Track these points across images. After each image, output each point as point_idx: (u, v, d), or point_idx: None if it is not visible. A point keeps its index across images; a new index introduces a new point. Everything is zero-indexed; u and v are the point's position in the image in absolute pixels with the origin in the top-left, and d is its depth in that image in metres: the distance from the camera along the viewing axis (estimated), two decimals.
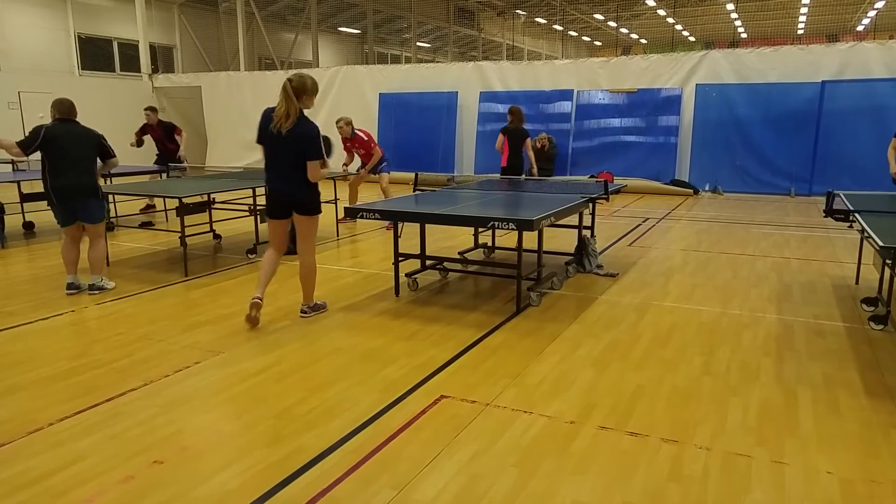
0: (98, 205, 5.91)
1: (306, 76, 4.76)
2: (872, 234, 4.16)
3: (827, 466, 2.93)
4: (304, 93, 4.70)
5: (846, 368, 4.06)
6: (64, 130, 5.76)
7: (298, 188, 4.83)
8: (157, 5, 20.73)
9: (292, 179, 4.82)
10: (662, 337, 4.65)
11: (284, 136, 4.70)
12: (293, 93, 4.66)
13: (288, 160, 4.78)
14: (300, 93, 4.69)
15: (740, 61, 13.14)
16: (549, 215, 5.11)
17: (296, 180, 4.81)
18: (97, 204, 5.89)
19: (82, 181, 5.75)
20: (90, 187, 5.80)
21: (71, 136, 5.76)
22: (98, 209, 5.91)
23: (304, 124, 4.73)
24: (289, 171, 4.81)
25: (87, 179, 5.78)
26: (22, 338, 4.71)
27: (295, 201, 4.90)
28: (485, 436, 3.20)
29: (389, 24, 32.71)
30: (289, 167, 4.80)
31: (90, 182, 5.81)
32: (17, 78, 15.79)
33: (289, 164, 4.79)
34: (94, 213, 5.88)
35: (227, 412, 3.50)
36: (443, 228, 8.00)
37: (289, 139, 4.70)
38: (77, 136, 5.80)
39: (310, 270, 5.05)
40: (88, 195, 5.79)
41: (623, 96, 13.89)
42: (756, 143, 12.87)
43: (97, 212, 5.90)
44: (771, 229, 9.02)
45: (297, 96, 4.68)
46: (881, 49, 12.31)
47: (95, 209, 5.88)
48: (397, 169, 14.72)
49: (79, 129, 5.83)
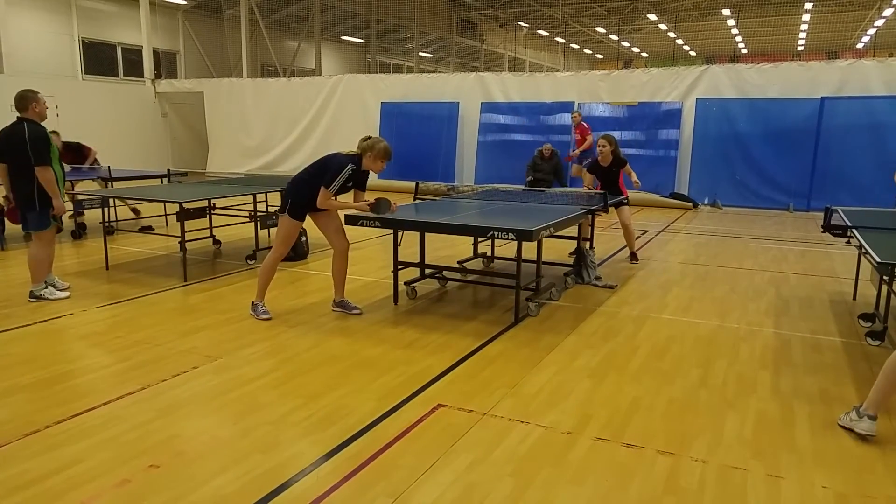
0: (34, 215, 5.57)
1: (381, 141, 5.09)
2: (870, 250, 4.18)
3: (822, 481, 2.93)
4: (371, 151, 5.03)
5: (842, 383, 4.07)
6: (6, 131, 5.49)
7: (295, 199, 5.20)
8: (161, 11, 20.82)
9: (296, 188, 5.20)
10: (660, 349, 4.66)
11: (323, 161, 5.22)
12: (359, 146, 5.10)
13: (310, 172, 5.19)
14: (365, 150, 5.05)
15: (740, 76, 13.21)
16: (549, 226, 5.13)
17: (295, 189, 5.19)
18: (33, 214, 5.57)
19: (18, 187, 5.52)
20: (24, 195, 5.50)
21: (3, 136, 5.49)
22: (34, 218, 5.60)
23: (337, 158, 5.05)
24: (310, 180, 5.16)
25: (21, 186, 5.51)
26: (20, 340, 4.71)
27: (296, 207, 5.19)
28: (481, 445, 3.21)
29: (392, 33, 32.84)
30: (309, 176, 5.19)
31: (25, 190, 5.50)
32: (20, 82, 15.67)
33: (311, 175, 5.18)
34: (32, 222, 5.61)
35: (224, 417, 3.50)
36: (442, 237, 8.01)
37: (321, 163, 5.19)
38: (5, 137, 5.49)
39: (267, 267, 5.29)
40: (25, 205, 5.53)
41: (624, 109, 13.94)
42: (755, 157, 12.92)
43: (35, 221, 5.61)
44: (769, 244, 9.05)
45: (362, 150, 5.06)
46: (880, 67, 12.39)
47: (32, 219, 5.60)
48: (398, 178, 14.79)
49: (14, 128, 5.47)
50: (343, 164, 4.97)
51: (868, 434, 3.27)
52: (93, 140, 10.35)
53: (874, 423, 3.28)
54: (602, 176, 7.60)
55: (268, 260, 5.24)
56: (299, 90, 17.12)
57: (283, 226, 5.17)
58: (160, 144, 18.74)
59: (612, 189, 7.44)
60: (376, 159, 5.04)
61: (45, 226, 5.61)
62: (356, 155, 5.06)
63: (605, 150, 7.50)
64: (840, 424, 3.43)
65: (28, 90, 5.52)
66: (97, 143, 10.23)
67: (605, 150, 7.49)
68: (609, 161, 7.53)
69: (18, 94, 5.50)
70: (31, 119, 5.47)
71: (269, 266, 5.23)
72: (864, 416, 3.30)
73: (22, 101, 5.46)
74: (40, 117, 5.53)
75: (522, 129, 14.82)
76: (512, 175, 13.90)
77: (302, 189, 5.07)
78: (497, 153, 14.94)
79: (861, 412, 3.32)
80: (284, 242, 5.21)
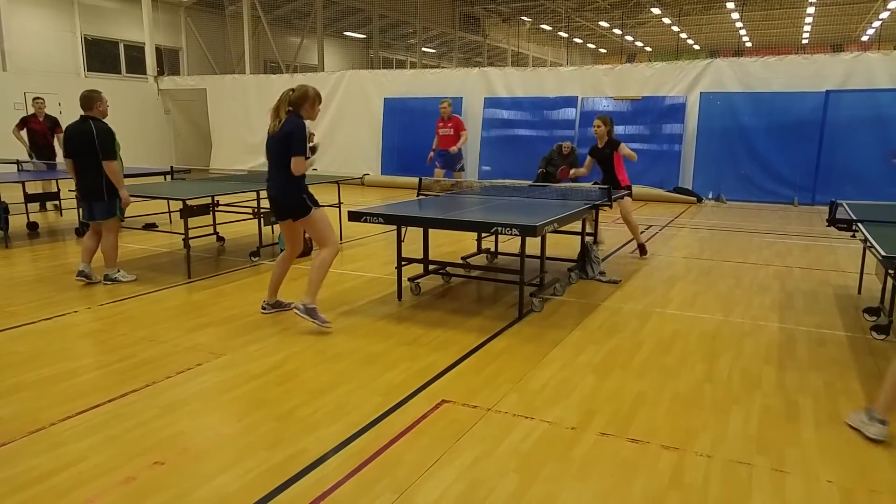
0: (102, 205, 6.04)
1: (308, 86, 4.77)
2: (875, 244, 4.16)
3: (827, 475, 2.92)
4: (306, 101, 4.72)
5: (847, 378, 4.06)
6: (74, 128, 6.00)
7: (282, 191, 4.83)
8: (163, 8, 20.82)
9: (277, 181, 4.83)
10: (664, 344, 4.65)
11: (274, 138, 4.72)
12: (290, 102, 4.70)
13: (275, 161, 4.79)
14: (300, 102, 4.71)
15: (745, 70, 13.14)
16: (553, 221, 5.12)
17: (280, 182, 4.80)
18: (102, 204, 6.04)
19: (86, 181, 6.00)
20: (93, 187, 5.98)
21: (74, 133, 5.98)
22: (102, 208, 6.06)
23: (290, 122, 4.67)
24: (274, 172, 4.82)
25: (89, 179, 5.98)
26: (25, 338, 4.72)
27: (283, 207, 4.89)
28: (486, 441, 3.20)
29: (395, 29, 32.79)
30: (275, 168, 4.81)
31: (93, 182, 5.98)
32: (23, 79, 15.85)
33: (276, 165, 4.79)
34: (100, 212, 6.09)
35: (229, 414, 3.51)
36: (446, 233, 8.00)
37: (276, 138, 4.70)
38: (74, 134, 5.97)
39: (318, 264, 4.86)
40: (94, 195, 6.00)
41: (627, 104, 13.89)
42: (760, 151, 12.86)
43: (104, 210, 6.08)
44: (774, 238, 9.02)
45: (296, 105, 4.70)
46: (885, 59, 12.31)
47: (100, 209, 6.07)
48: (401, 173, 14.77)
49: (81, 126, 5.96)
50: (301, 125, 4.66)
51: (878, 438, 3.20)
52: None
53: (885, 427, 3.21)
54: (598, 159, 7.63)
55: (322, 255, 4.87)
56: None
57: (317, 220, 4.88)
58: (163, 141, 18.75)
59: (609, 175, 7.47)
60: (314, 105, 4.78)
61: (112, 214, 6.11)
62: (293, 114, 4.70)
63: (599, 130, 7.49)
64: (848, 424, 3.39)
65: (93, 90, 6.00)
66: None
67: (601, 130, 7.48)
68: (604, 142, 7.54)
69: (84, 93, 5.96)
70: (96, 117, 5.94)
71: (323, 261, 4.86)
72: (874, 419, 3.24)
73: (88, 101, 5.94)
74: (103, 115, 6.01)
75: (526, 124, 14.79)
76: (516, 170, 13.86)
77: (288, 183, 4.76)
78: (501, 148, 14.90)
79: (872, 415, 3.26)
80: (329, 233, 4.93)
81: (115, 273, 6.23)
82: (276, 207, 4.96)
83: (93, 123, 5.87)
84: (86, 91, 5.99)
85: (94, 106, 5.93)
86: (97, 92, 5.99)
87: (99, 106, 5.95)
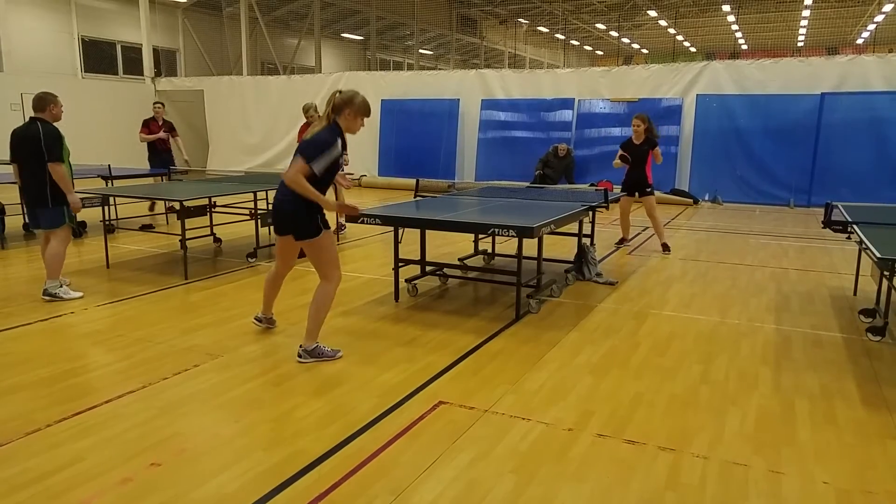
0: (47, 212, 5.63)
1: (359, 93, 4.16)
2: (870, 246, 4.18)
3: (823, 476, 2.94)
4: (346, 107, 4.09)
5: (843, 379, 4.07)
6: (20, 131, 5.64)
7: (290, 201, 4.10)
8: (160, 9, 20.79)
9: (281, 187, 4.17)
10: (661, 345, 4.66)
11: (303, 140, 4.23)
12: (333, 105, 4.12)
13: (291, 163, 4.15)
14: (341, 107, 4.10)
15: (741, 72, 13.19)
16: (549, 223, 5.13)
17: (283, 189, 4.13)
18: (46, 211, 5.63)
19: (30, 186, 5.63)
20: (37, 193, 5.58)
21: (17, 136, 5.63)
22: (47, 216, 5.65)
23: (325, 130, 4.10)
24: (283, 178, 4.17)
25: (34, 184, 5.59)
26: (21, 339, 4.71)
27: (286, 220, 4.20)
28: (483, 442, 3.21)
29: (392, 31, 32.78)
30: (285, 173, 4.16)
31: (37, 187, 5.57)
32: (20, 79, 15.80)
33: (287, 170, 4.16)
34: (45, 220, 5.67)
35: (226, 415, 3.50)
36: (443, 234, 8.00)
37: (303, 141, 4.20)
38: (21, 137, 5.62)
39: (318, 303, 4.23)
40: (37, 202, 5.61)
41: (624, 105, 13.92)
42: (756, 153, 12.91)
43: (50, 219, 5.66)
44: (770, 240, 9.04)
45: (336, 110, 4.11)
46: (880, 62, 12.37)
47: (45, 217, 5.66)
48: (399, 175, 14.77)
49: (27, 128, 5.60)
50: (329, 140, 4.01)
51: None
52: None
53: None
54: (632, 154, 8.06)
55: (328, 291, 4.23)
56: (299, 88, 17.08)
57: (324, 246, 4.19)
58: None
59: (638, 170, 8.02)
60: (357, 116, 4.12)
61: (59, 223, 5.68)
62: (334, 124, 4.11)
63: (638, 130, 8.02)
64: None
65: (48, 92, 5.67)
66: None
67: (640, 129, 8.01)
68: (642, 139, 8.02)
69: (37, 95, 5.63)
70: (45, 119, 5.60)
71: (324, 297, 4.24)
72: None
73: (40, 103, 5.61)
74: (54, 119, 5.65)
75: (523, 125, 14.81)
76: (513, 171, 13.89)
77: (292, 193, 4.07)
78: (498, 150, 14.93)
79: None
80: (335, 264, 4.27)
81: (56, 287, 5.63)
82: (277, 217, 4.23)
83: (40, 125, 5.50)
84: (40, 92, 5.62)
85: (46, 108, 5.57)
86: (52, 94, 5.63)
87: (52, 109, 5.59)
